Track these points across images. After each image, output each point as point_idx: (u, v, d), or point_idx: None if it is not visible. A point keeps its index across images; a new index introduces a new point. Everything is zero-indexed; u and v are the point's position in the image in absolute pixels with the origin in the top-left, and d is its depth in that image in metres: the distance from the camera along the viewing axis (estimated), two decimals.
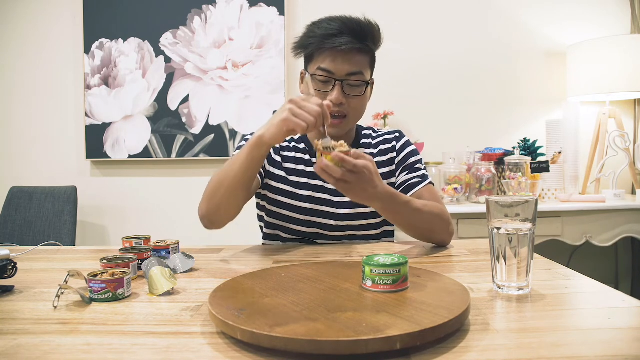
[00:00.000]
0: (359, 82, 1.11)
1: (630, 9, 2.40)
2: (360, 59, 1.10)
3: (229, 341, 0.56)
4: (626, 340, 0.55)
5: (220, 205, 1.03)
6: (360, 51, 1.10)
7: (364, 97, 1.14)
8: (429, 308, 0.59)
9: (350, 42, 1.07)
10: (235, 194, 1.03)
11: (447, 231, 1.09)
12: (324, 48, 1.08)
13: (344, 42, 1.06)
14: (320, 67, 1.09)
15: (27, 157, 2.58)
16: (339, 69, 1.09)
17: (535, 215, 0.72)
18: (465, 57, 2.46)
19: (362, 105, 1.14)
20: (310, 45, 1.10)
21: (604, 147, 2.24)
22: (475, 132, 2.45)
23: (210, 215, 1.05)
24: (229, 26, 2.45)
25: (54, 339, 0.58)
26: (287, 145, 1.24)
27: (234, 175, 1.00)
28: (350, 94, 1.11)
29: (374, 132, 1.28)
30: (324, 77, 1.10)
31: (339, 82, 1.09)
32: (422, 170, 1.21)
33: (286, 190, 1.19)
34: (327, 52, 1.09)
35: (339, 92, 1.09)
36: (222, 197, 1.02)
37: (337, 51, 1.08)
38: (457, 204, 2.09)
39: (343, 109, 1.11)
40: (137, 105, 2.49)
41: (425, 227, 1.06)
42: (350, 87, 1.11)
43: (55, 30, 2.53)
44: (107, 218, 2.56)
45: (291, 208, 1.19)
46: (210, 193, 1.04)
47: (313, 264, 0.86)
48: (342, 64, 1.08)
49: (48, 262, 1.04)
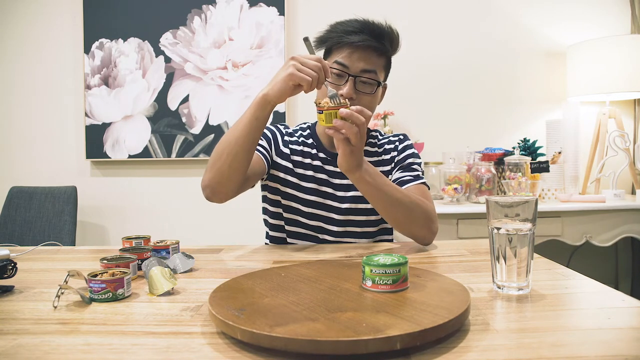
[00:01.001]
0: (372, 81, 1.12)
1: (630, 9, 2.40)
2: (375, 59, 1.13)
3: (229, 341, 0.56)
4: (626, 340, 0.55)
5: (222, 170, 1.02)
6: (377, 51, 1.12)
7: (375, 97, 1.15)
8: (429, 308, 0.59)
9: (368, 39, 1.10)
10: (239, 157, 1.02)
11: (428, 227, 1.07)
12: (342, 43, 1.11)
13: (361, 39, 1.09)
14: (337, 60, 1.12)
15: (27, 157, 2.58)
16: (354, 64, 1.11)
17: (535, 215, 0.72)
18: (465, 57, 2.46)
19: (372, 104, 1.15)
20: (330, 40, 1.14)
21: (604, 147, 2.24)
22: (475, 132, 2.45)
23: (213, 183, 1.04)
24: (229, 26, 2.45)
25: (54, 339, 0.58)
26: (295, 139, 1.26)
27: (237, 136, 1.01)
28: (361, 91, 1.12)
29: (380, 135, 1.31)
30: (339, 71, 1.12)
31: (352, 77, 1.11)
32: (418, 172, 1.22)
33: (291, 181, 1.21)
34: (345, 47, 1.11)
35: (350, 87, 1.10)
36: (224, 162, 1.02)
37: (354, 47, 1.10)
38: (457, 204, 2.09)
39: (353, 104, 1.11)
40: (137, 105, 2.49)
41: (406, 216, 1.04)
42: (362, 84, 1.12)
43: (55, 30, 2.54)
44: (107, 218, 2.56)
45: (296, 199, 1.21)
46: (213, 160, 1.04)
47: (313, 264, 0.86)
48: (358, 61, 1.11)
49: (48, 262, 1.04)
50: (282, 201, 1.22)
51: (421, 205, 1.07)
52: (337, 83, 1.12)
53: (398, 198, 1.03)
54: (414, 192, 1.14)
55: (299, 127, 1.31)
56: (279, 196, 1.23)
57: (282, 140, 1.25)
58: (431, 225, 1.08)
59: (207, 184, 1.05)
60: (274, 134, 1.26)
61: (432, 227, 1.08)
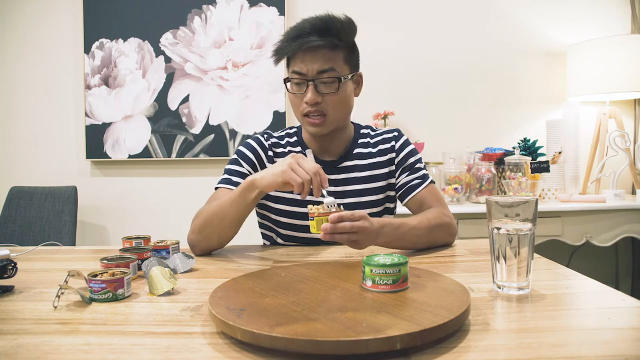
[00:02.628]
0: (331, 79, 1.09)
1: (630, 9, 2.40)
2: (330, 55, 1.08)
3: (229, 341, 0.56)
4: (626, 340, 0.55)
5: (211, 238, 1.05)
6: (328, 47, 1.07)
7: (341, 93, 1.11)
8: (429, 308, 0.59)
9: (314, 40, 1.06)
10: (226, 230, 1.05)
11: (449, 236, 1.10)
12: (293, 50, 1.08)
13: (307, 41, 1.06)
14: (294, 70, 1.09)
15: (27, 157, 2.58)
16: (309, 68, 1.08)
17: (536, 215, 0.72)
18: (465, 57, 2.46)
19: (341, 101, 1.12)
20: (282, 50, 1.10)
21: (604, 147, 2.24)
22: (475, 132, 2.45)
23: (202, 245, 1.07)
24: (229, 26, 2.45)
25: (54, 339, 0.58)
26: (281, 150, 1.22)
27: (225, 211, 1.02)
28: (324, 92, 1.09)
29: (372, 131, 1.27)
30: (298, 79, 1.09)
31: (311, 82, 1.08)
32: (422, 170, 1.21)
33: (283, 197, 1.18)
34: (298, 54, 1.08)
35: (312, 92, 1.08)
36: (212, 231, 1.04)
37: (304, 50, 1.07)
38: (457, 204, 2.09)
39: (321, 107, 1.10)
40: (137, 105, 2.49)
41: (426, 241, 1.06)
42: (324, 85, 1.09)
43: (55, 30, 2.54)
44: (107, 218, 2.56)
45: (289, 214, 1.18)
46: (201, 224, 1.05)
47: (313, 264, 0.86)
48: (311, 63, 1.07)
49: (48, 262, 1.04)
50: (274, 217, 1.20)
51: (439, 223, 1.07)
52: (300, 92, 1.10)
53: (418, 235, 1.03)
54: (426, 198, 1.16)
55: (285, 133, 1.26)
56: (271, 213, 1.21)
57: (266, 157, 1.21)
58: (451, 232, 1.11)
59: (196, 244, 1.07)
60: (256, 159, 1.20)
61: (452, 233, 1.11)
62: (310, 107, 1.09)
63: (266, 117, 2.46)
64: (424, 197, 1.16)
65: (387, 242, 0.99)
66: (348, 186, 1.18)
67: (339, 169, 1.20)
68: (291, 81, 1.12)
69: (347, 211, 0.90)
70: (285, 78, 1.14)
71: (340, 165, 1.20)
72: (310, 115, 1.10)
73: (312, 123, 1.11)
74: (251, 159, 1.19)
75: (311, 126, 1.12)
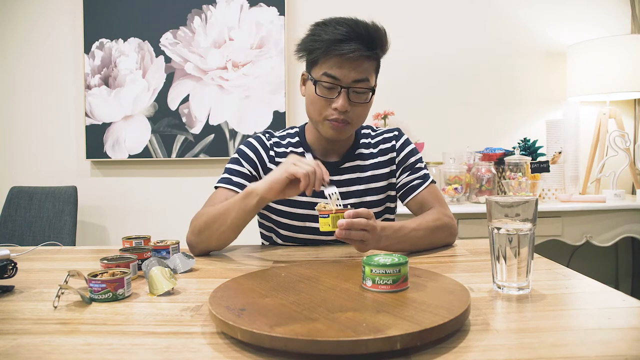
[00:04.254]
0: (365, 90, 1.07)
1: (630, 9, 2.40)
2: (367, 66, 1.06)
3: (229, 341, 0.56)
4: (626, 340, 0.55)
5: (210, 239, 1.05)
6: (368, 58, 1.06)
7: (369, 104, 1.11)
8: (429, 308, 0.59)
9: (359, 49, 1.02)
10: (225, 235, 1.05)
11: (449, 236, 1.10)
12: (330, 54, 1.04)
13: (352, 49, 1.02)
14: (327, 72, 1.05)
15: (27, 157, 2.58)
16: (345, 75, 1.04)
17: (536, 215, 0.72)
18: (465, 57, 2.46)
19: (366, 112, 1.12)
20: (316, 50, 1.05)
21: (604, 147, 2.24)
22: (475, 132, 2.45)
23: (200, 246, 1.07)
24: (229, 26, 2.45)
25: (54, 339, 0.58)
26: (283, 150, 1.21)
27: (225, 216, 1.02)
28: (355, 101, 1.07)
29: (372, 131, 1.26)
30: (330, 84, 1.06)
31: (344, 89, 1.05)
32: (423, 170, 1.21)
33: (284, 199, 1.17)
34: (334, 59, 1.04)
35: (344, 99, 1.05)
36: (211, 235, 1.04)
37: (345, 58, 1.03)
38: (457, 204, 2.09)
39: (347, 116, 1.08)
40: (137, 105, 2.49)
41: (427, 243, 1.06)
42: (355, 94, 1.07)
43: (55, 30, 2.53)
44: (107, 218, 2.56)
45: (289, 215, 1.18)
46: (200, 228, 1.05)
47: (313, 264, 0.86)
48: (349, 71, 1.04)
49: (48, 262, 1.04)
50: (274, 217, 1.19)
51: (439, 224, 1.07)
52: (329, 96, 1.07)
53: (419, 237, 1.03)
54: (427, 198, 1.16)
55: (286, 133, 1.25)
56: (272, 213, 1.20)
57: (267, 158, 1.19)
58: (452, 233, 1.11)
59: (194, 245, 1.07)
60: (257, 159, 1.19)
61: (453, 233, 1.12)
62: (337, 114, 1.07)
63: (266, 117, 2.46)
64: (424, 198, 1.17)
65: (388, 246, 0.98)
66: (351, 187, 1.18)
67: (342, 170, 1.19)
68: (319, 84, 1.07)
69: (362, 208, 0.91)
70: (310, 77, 1.09)
71: (342, 166, 1.20)
72: (334, 120, 1.09)
73: (336, 127, 1.09)
74: (252, 159, 1.18)
75: (333, 130, 1.10)
